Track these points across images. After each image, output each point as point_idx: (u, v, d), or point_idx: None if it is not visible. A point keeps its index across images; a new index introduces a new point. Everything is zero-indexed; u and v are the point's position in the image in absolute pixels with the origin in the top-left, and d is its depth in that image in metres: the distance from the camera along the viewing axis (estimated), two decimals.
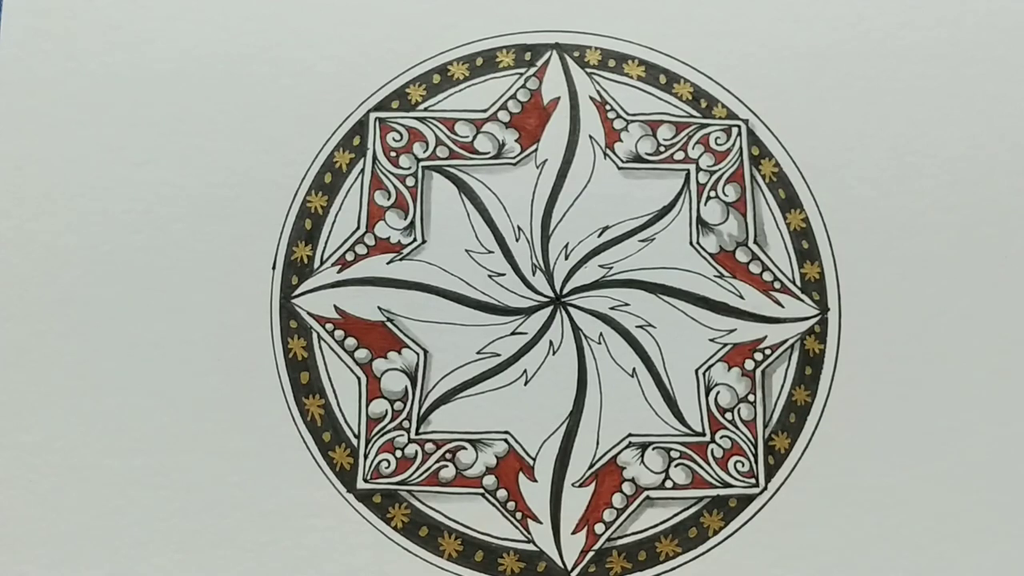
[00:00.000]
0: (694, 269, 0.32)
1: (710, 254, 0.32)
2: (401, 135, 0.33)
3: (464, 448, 0.30)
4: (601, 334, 0.31)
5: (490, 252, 0.32)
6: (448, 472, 0.30)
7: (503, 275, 0.32)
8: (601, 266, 0.32)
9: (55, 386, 0.31)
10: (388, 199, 0.32)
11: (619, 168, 0.32)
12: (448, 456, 0.30)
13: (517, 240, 0.32)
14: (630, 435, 0.30)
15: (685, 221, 0.32)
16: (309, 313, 0.31)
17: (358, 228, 0.32)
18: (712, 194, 0.32)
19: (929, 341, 0.31)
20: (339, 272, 0.32)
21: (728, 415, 0.31)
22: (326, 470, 0.30)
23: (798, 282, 0.32)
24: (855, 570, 0.29)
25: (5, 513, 0.30)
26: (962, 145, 0.32)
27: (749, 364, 0.31)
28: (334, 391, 0.31)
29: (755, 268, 0.32)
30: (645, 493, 0.30)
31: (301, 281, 0.31)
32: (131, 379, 0.31)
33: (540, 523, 0.30)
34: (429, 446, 0.30)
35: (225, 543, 0.29)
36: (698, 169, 0.32)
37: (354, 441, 0.30)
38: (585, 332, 0.31)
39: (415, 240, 0.32)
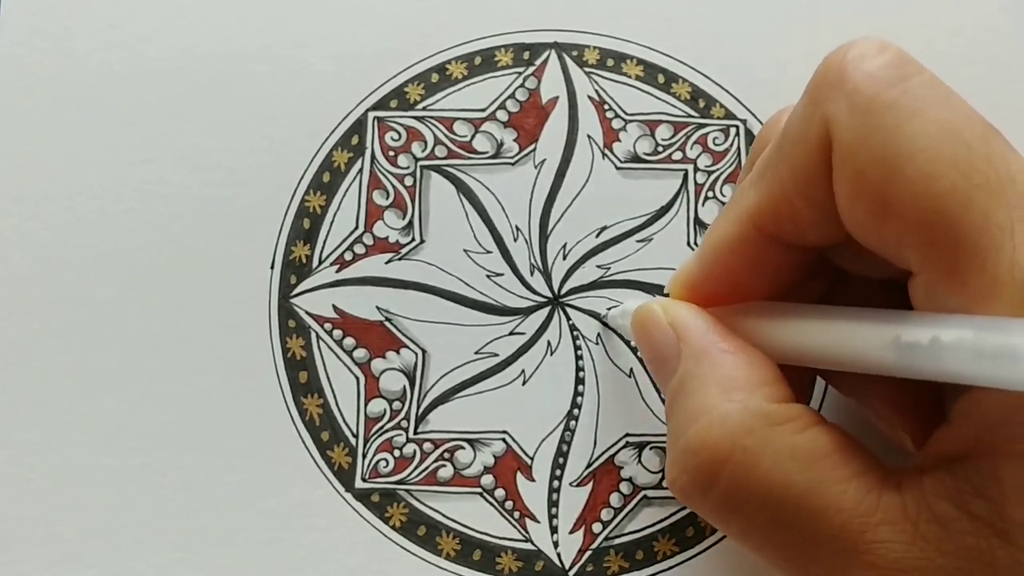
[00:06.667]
0: None
1: None
2: (400, 134, 0.33)
3: (462, 448, 0.30)
4: (599, 334, 0.31)
5: (488, 252, 0.32)
6: (446, 471, 0.30)
7: (501, 275, 0.32)
8: (599, 266, 0.32)
9: (53, 385, 0.31)
10: (386, 199, 0.32)
11: (617, 168, 0.32)
12: (446, 456, 0.30)
13: (515, 240, 0.32)
14: (627, 435, 0.31)
15: (683, 221, 0.32)
16: (308, 313, 0.31)
17: (356, 228, 0.32)
18: (710, 194, 0.32)
19: None
20: (337, 272, 0.32)
21: None
22: (324, 469, 0.30)
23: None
24: None
25: (3, 512, 0.30)
26: None
27: None
28: (332, 391, 0.31)
29: None
30: (643, 492, 0.30)
31: (299, 280, 0.32)
32: (129, 378, 0.31)
33: (538, 522, 0.30)
34: (427, 446, 0.30)
35: (223, 542, 0.30)
36: (696, 169, 0.32)
37: (352, 440, 0.30)
38: (583, 332, 0.31)
39: (413, 240, 0.32)
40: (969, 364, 0.18)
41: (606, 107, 0.33)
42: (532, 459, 0.30)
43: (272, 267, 0.32)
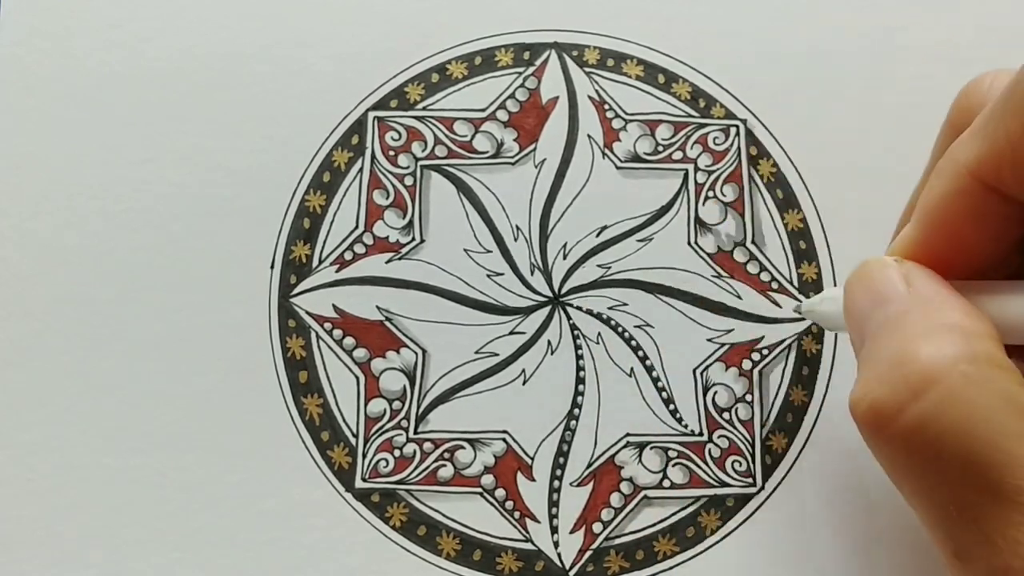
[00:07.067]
0: (692, 269, 0.32)
1: (708, 254, 0.32)
2: (400, 134, 0.33)
3: (462, 447, 0.30)
4: (599, 334, 0.31)
5: (488, 252, 0.32)
6: (446, 471, 0.30)
7: (501, 275, 0.32)
8: (599, 266, 0.32)
9: (53, 385, 0.31)
10: (387, 198, 0.32)
11: (617, 168, 0.32)
12: (446, 455, 0.30)
13: (515, 240, 0.32)
14: (628, 435, 0.31)
15: (683, 221, 0.32)
16: (308, 312, 0.31)
17: (357, 227, 0.32)
18: (710, 194, 0.32)
19: None
20: (337, 271, 0.32)
21: (726, 415, 0.31)
22: (324, 469, 0.30)
23: (795, 282, 0.32)
24: (852, 569, 0.29)
25: (3, 512, 0.30)
26: None
27: (747, 364, 0.31)
28: (332, 390, 0.31)
29: (753, 268, 0.32)
30: (643, 492, 0.30)
31: (299, 280, 0.31)
32: (129, 378, 0.31)
33: (538, 522, 0.30)
34: (427, 445, 0.30)
35: (223, 542, 0.30)
36: (696, 169, 0.32)
37: (352, 440, 0.30)
38: (583, 332, 0.31)
39: (414, 239, 0.32)
40: None
41: (606, 107, 0.33)
42: (532, 459, 0.30)
43: (272, 267, 0.32)
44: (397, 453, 0.30)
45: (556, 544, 0.30)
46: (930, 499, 0.20)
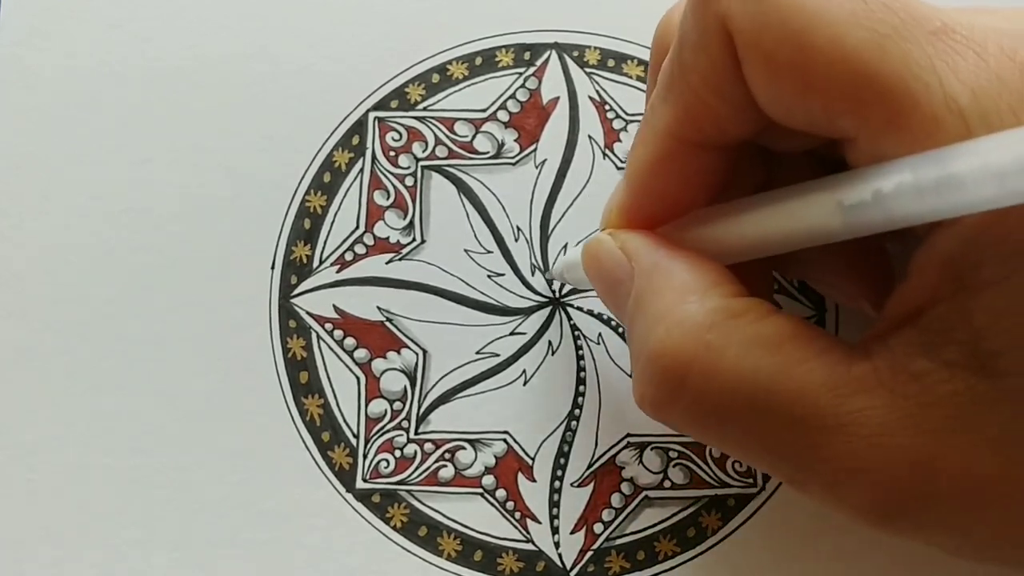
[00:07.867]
0: None
1: None
2: (400, 134, 0.33)
3: (463, 448, 0.30)
4: (600, 334, 0.31)
5: (489, 252, 0.32)
6: (447, 472, 0.30)
7: (502, 275, 0.32)
8: None
9: (53, 385, 0.31)
10: (387, 199, 0.32)
11: (618, 168, 0.32)
12: (447, 456, 0.30)
13: (516, 240, 0.32)
14: (628, 435, 0.31)
15: None
16: (308, 313, 0.31)
17: (357, 228, 0.32)
18: None
19: None
20: (338, 272, 0.32)
21: None
22: (325, 470, 0.30)
23: (795, 282, 0.32)
24: (853, 570, 0.29)
25: (3, 512, 0.30)
26: None
27: None
28: (333, 391, 0.31)
29: None
30: (644, 493, 0.30)
31: (300, 281, 0.31)
32: (129, 378, 0.31)
33: (539, 523, 0.30)
34: (428, 446, 0.30)
35: (223, 542, 0.30)
36: None
37: (353, 441, 0.30)
38: (584, 332, 0.31)
39: (414, 240, 0.32)
40: (915, 204, 0.18)
41: (607, 107, 0.33)
42: (533, 459, 0.30)
43: (272, 267, 0.32)
44: (398, 454, 0.30)
45: (557, 545, 0.30)
46: (743, 452, 0.21)
